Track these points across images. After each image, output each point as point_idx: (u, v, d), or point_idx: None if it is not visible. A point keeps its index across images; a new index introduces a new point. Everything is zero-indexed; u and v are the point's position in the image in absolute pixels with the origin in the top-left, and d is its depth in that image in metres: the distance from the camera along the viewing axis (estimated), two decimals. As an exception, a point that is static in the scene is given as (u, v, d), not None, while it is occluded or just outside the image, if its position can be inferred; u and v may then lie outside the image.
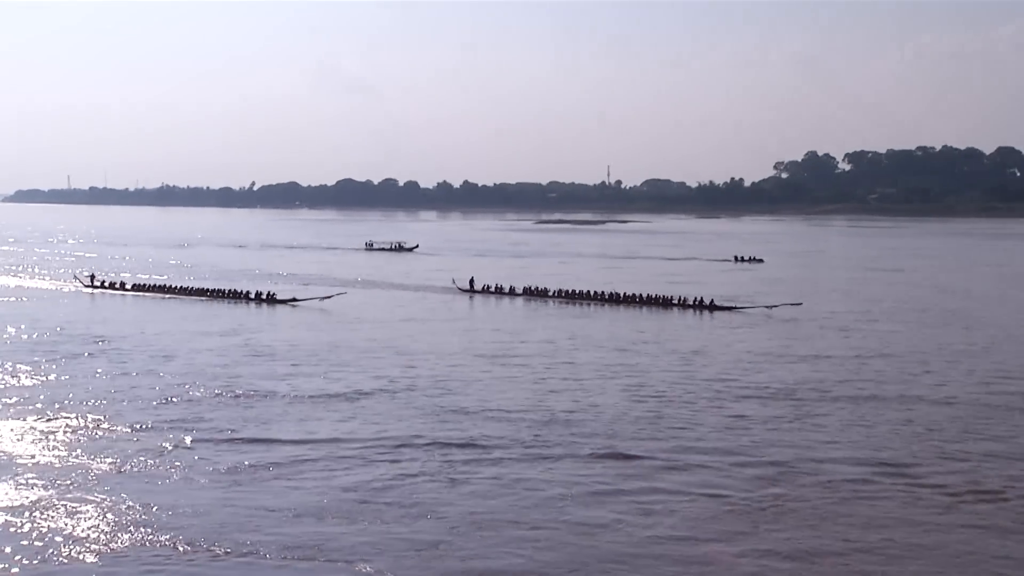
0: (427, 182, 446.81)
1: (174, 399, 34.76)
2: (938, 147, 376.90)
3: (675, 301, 64.96)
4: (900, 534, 22.10)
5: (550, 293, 70.83)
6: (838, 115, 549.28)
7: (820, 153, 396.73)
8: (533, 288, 72.53)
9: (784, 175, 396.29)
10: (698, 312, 62.81)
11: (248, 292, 68.90)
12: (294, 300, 66.33)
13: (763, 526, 22.54)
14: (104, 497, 24.00)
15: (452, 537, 21.70)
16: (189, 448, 28.44)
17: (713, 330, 55.41)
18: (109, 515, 22.84)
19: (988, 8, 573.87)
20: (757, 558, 20.73)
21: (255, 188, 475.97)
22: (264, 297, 67.08)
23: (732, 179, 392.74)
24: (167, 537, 21.50)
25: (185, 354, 44.47)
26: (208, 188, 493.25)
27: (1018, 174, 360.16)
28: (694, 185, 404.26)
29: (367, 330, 53.54)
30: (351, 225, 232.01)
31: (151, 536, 21.61)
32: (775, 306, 62.80)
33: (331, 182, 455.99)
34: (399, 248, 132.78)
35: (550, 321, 58.49)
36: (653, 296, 66.02)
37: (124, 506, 23.43)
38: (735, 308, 63.81)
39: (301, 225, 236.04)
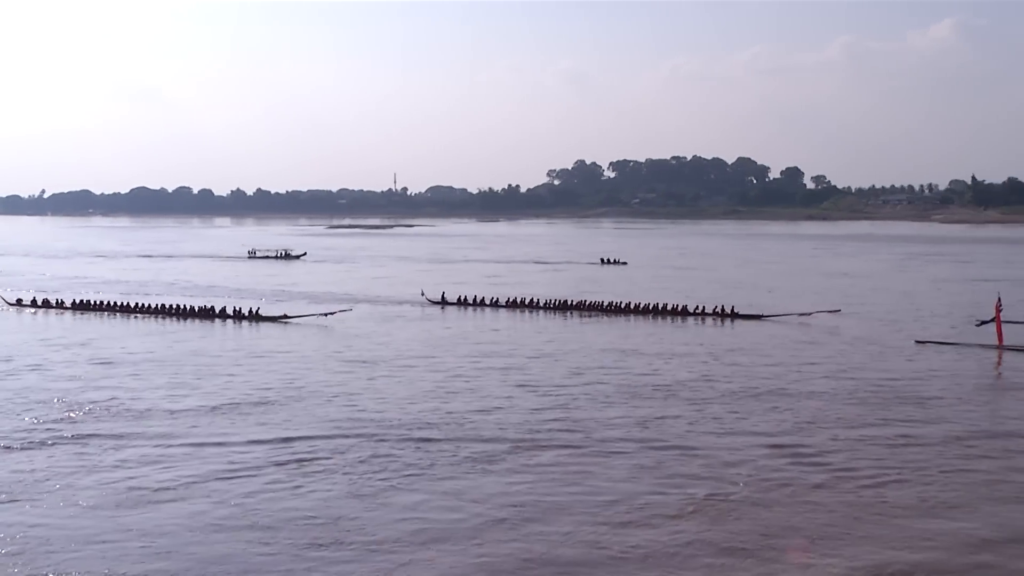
0: (221, 190, 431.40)
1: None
2: (689, 156, 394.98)
3: (694, 311, 57.72)
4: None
5: (540, 304, 61.94)
6: (604, 127, 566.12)
7: (588, 162, 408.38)
8: (518, 300, 63.15)
9: (556, 182, 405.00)
10: (719, 321, 55.84)
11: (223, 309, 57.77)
12: (285, 316, 56.14)
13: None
14: None
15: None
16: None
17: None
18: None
19: (728, 36, 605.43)
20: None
21: (45, 196, 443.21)
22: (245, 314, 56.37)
23: (510, 185, 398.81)
24: None
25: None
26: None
27: (755, 181, 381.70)
28: (475, 191, 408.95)
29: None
30: (151, 232, 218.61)
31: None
32: (809, 313, 56.18)
33: (124, 190, 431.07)
34: (286, 255, 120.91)
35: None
36: (657, 306, 58.71)
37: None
38: (763, 317, 56.59)
39: (105, 232, 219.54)
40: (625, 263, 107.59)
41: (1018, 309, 54.81)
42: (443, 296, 65.01)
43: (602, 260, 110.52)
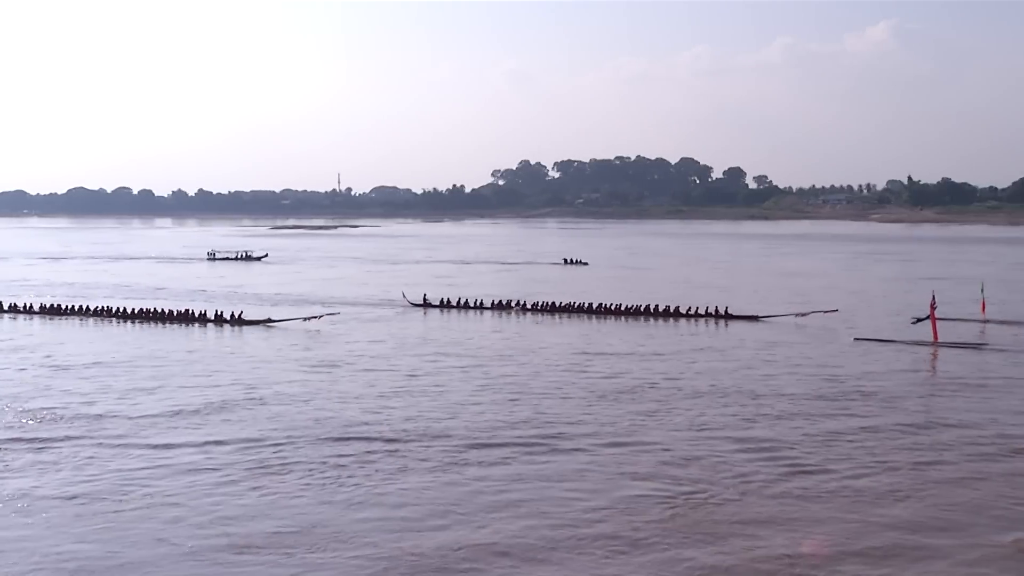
0: (162, 190, 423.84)
1: None
2: (633, 157, 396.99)
3: (687, 312, 56.43)
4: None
5: (527, 306, 60.56)
6: (548, 127, 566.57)
7: (532, 162, 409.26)
8: (504, 302, 61.85)
9: (501, 182, 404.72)
10: (713, 322, 54.67)
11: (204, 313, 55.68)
12: (269, 320, 54.18)
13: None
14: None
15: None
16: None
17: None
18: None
19: (670, 37, 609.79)
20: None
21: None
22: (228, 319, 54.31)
23: (454, 186, 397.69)
24: None
25: None
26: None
27: (697, 181, 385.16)
28: (420, 192, 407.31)
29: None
30: (91, 233, 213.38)
31: None
32: (805, 314, 54.85)
33: (62, 190, 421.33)
34: (247, 257, 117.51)
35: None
36: (649, 308, 57.39)
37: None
38: (758, 318, 55.64)
39: (44, 234, 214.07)
40: (587, 263, 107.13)
41: (956, 307, 56.47)
42: (424, 298, 63.42)
43: (565, 260, 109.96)
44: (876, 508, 21.85)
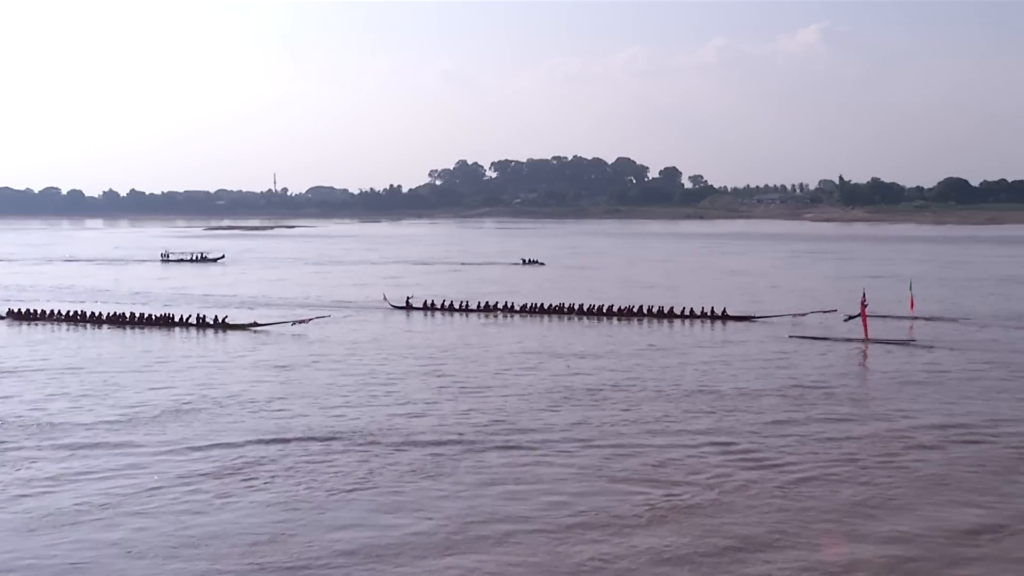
0: (92, 191, 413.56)
1: None
2: (570, 157, 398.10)
3: (681, 313, 55.67)
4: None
5: (514, 308, 59.11)
6: (485, 127, 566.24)
7: (470, 162, 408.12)
8: (490, 304, 60.24)
9: (438, 182, 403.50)
10: (709, 323, 53.93)
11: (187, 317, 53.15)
12: (255, 324, 52.21)
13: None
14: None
15: None
16: None
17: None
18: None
19: (606, 37, 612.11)
20: None
21: None
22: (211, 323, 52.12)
23: (391, 186, 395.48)
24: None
25: None
26: None
27: (634, 181, 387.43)
28: (356, 192, 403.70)
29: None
30: (19, 235, 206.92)
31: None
32: (804, 314, 54.95)
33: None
34: (202, 259, 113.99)
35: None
36: (642, 308, 56.54)
37: None
38: (753, 318, 54.94)
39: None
40: (544, 263, 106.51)
41: (888, 305, 57.68)
42: (408, 301, 61.66)
43: (523, 260, 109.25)
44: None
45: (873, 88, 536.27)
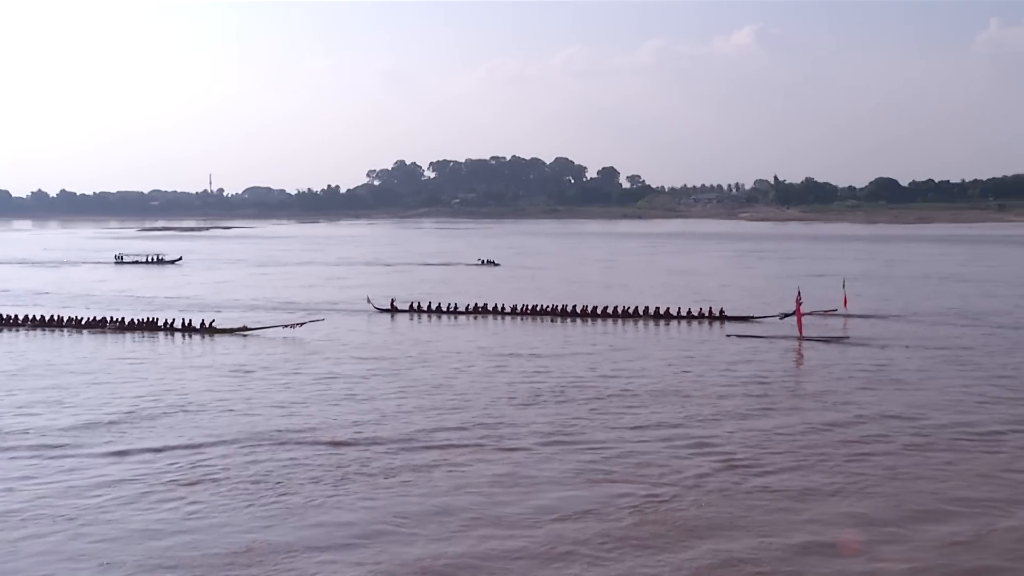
0: (20, 191, 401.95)
1: None
2: (508, 156, 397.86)
3: (678, 314, 54.97)
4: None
5: (504, 310, 57.58)
6: (424, 127, 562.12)
7: (408, 162, 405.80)
8: (480, 306, 58.71)
9: (376, 182, 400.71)
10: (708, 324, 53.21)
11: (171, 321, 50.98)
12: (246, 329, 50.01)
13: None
14: None
15: None
16: None
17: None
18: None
19: (543, 38, 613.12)
20: None
21: None
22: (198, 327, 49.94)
23: (329, 186, 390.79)
24: None
25: None
26: None
27: (572, 181, 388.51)
28: (294, 192, 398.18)
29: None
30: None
31: None
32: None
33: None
34: (159, 261, 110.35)
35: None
36: (637, 309, 55.64)
37: None
38: (751, 318, 54.17)
39: None
40: (499, 264, 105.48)
41: (823, 302, 58.01)
42: (392, 303, 60.26)
43: (480, 261, 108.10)
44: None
45: (806, 90, 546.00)
